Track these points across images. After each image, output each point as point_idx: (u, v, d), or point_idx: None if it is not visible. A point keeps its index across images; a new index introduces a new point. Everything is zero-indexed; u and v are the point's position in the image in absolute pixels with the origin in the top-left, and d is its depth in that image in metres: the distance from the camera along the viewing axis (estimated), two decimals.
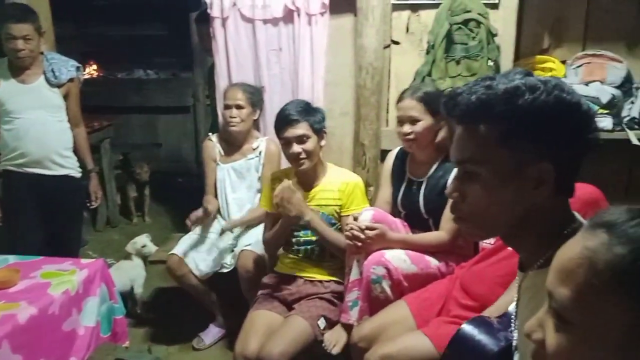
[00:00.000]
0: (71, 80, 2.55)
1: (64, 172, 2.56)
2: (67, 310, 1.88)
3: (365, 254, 1.91)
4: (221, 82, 2.87)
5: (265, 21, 2.75)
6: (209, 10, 2.76)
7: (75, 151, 2.64)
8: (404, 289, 1.84)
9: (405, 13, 2.66)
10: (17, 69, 2.43)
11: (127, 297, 2.75)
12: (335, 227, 2.17)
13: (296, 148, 2.09)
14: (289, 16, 2.71)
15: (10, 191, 2.54)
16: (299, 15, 2.67)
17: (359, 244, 1.90)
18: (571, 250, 0.66)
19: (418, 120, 1.99)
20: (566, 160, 0.86)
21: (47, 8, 2.92)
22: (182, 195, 4.37)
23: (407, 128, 2.00)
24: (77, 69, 2.61)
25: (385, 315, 1.78)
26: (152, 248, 2.86)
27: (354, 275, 1.96)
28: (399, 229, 2.04)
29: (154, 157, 4.77)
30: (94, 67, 5.67)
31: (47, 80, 2.48)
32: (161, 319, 2.82)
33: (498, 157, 0.86)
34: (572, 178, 0.89)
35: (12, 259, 2.13)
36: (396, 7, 2.64)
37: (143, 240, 2.86)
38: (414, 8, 2.64)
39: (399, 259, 1.85)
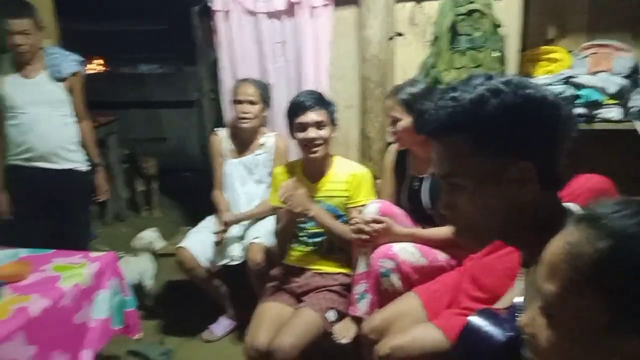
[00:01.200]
0: (74, 74, 2.55)
1: (70, 165, 2.57)
2: (78, 303, 1.89)
3: (371, 247, 1.92)
4: (225, 77, 2.88)
5: (268, 14, 2.75)
6: (210, 4, 2.76)
7: (82, 145, 2.65)
8: (413, 282, 1.84)
9: (409, 4, 2.66)
10: (20, 64, 2.44)
11: (137, 290, 2.77)
12: (343, 219, 2.18)
13: (313, 133, 2.10)
14: (291, 9, 2.71)
15: (19, 185, 2.55)
16: (301, 7, 2.67)
17: (365, 237, 1.90)
18: (556, 246, 0.66)
19: (398, 120, 1.99)
20: (544, 155, 0.87)
21: (49, 3, 2.93)
22: (189, 190, 4.40)
23: (390, 127, 2.04)
24: (80, 63, 2.61)
25: (395, 307, 1.78)
26: (159, 243, 2.86)
27: (360, 268, 1.97)
28: (406, 222, 2.04)
29: (159, 152, 4.78)
30: (99, 62, 5.68)
31: (49, 74, 2.48)
32: (171, 312, 2.84)
33: (477, 165, 0.87)
34: (555, 171, 0.89)
35: (23, 252, 2.13)
36: None
37: (149, 236, 2.85)
38: None
39: (407, 252, 1.85)
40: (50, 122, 2.49)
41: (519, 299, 1.11)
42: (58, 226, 2.61)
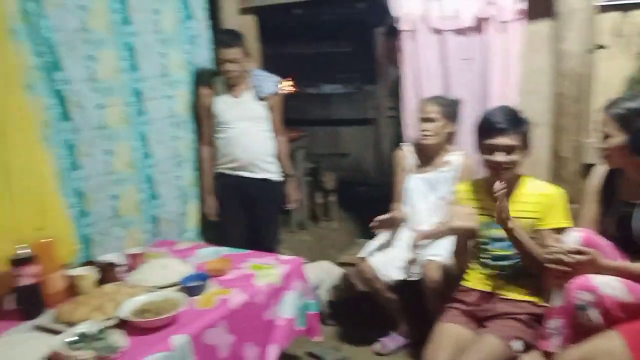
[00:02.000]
0: (274, 94, 2.82)
1: (267, 175, 2.85)
2: (269, 301, 2.04)
3: (568, 279, 1.73)
4: (408, 94, 2.92)
5: (455, 31, 2.73)
6: (396, 25, 2.83)
7: (277, 158, 2.90)
8: (616, 320, 1.64)
9: (614, 14, 2.44)
10: (230, 85, 2.77)
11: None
12: None
13: (500, 157, 2.00)
14: (479, 25, 2.66)
15: (224, 191, 2.89)
16: (490, 23, 2.61)
17: (565, 268, 1.73)
18: None
19: (609, 137, 1.79)
20: None
21: (255, 32, 3.31)
22: (364, 204, 4.53)
23: (599, 143, 1.83)
24: (278, 84, 2.87)
25: (594, 345, 1.61)
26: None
27: (556, 302, 1.81)
28: (612, 254, 1.80)
29: (339, 166, 4.99)
30: (290, 83, 6.16)
31: (254, 94, 2.78)
32: (345, 320, 2.92)
33: None
34: None
35: (224, 250, 2.41)
36: (602, 9, 2.44)
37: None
38: (624, 8, 2.41)
39: (609, 286, 1.65)
40: (253, 136, 2.79)
41: None
42: (253, 229, 2.90)
